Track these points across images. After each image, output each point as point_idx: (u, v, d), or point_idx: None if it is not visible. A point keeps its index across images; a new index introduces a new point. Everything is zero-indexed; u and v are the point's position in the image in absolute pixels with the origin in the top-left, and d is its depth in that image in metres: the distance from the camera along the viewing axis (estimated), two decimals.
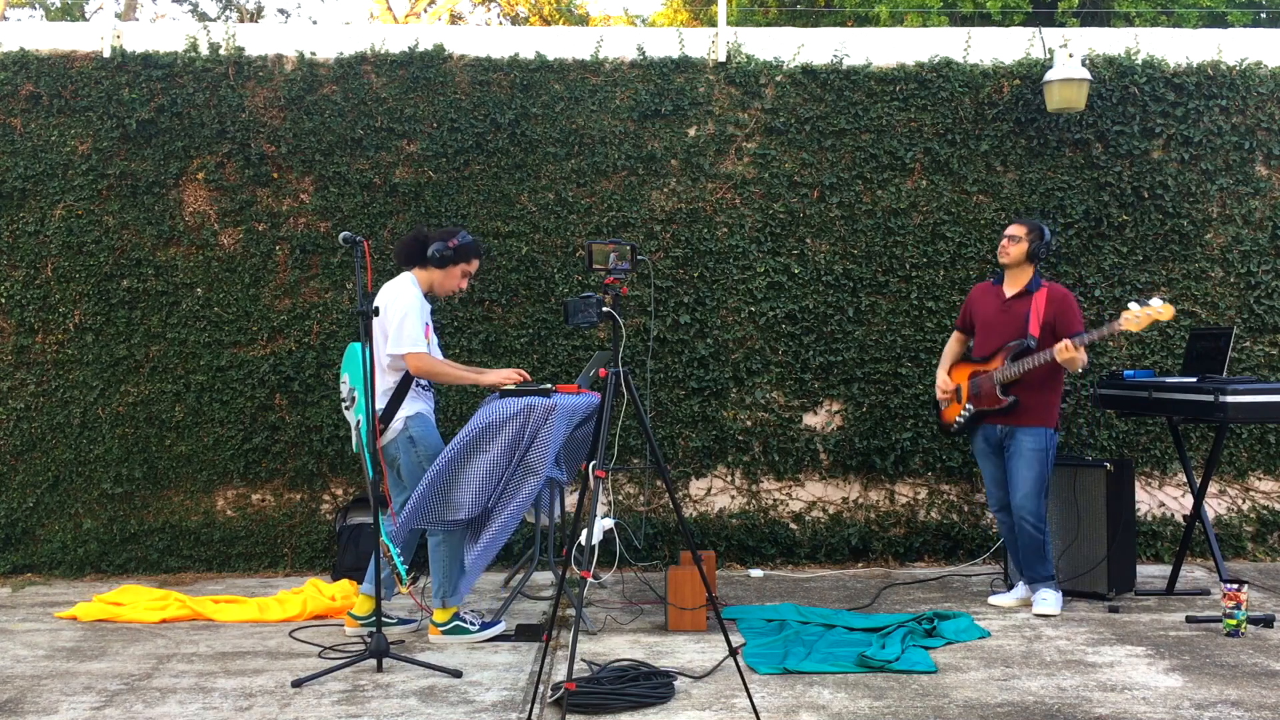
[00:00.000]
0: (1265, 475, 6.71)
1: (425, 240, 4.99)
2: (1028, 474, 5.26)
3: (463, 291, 5.17)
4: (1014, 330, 5.33)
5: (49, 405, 6.40)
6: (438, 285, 5.04)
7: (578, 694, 3.92)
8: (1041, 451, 5.26)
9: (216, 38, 6.53)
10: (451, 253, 4.94)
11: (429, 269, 5.00)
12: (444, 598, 4.87)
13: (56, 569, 6.35)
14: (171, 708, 4.04)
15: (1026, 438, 5.28)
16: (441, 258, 4.94)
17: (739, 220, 6.57)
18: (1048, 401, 5.30)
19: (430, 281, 5.03)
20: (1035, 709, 3.96)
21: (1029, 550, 5.30)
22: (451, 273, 5.01)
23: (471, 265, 5.07)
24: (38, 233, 6.42)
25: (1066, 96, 6.38)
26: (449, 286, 5.06)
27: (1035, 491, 5.25)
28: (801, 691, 4.16)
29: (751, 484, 6.60)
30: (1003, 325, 5.38)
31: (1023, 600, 5.46)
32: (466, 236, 5.00)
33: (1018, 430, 5.30)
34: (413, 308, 4.83)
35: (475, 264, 5.09)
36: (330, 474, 6.48)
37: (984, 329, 5.47)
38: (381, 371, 4.87)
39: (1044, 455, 5.27)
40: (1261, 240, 6.69)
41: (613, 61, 6.59)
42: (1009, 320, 5.36)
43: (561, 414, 4.92)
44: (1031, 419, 5.28)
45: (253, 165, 6.46)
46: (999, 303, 5.44)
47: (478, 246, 5.08)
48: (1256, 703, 4.01)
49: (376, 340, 4.88)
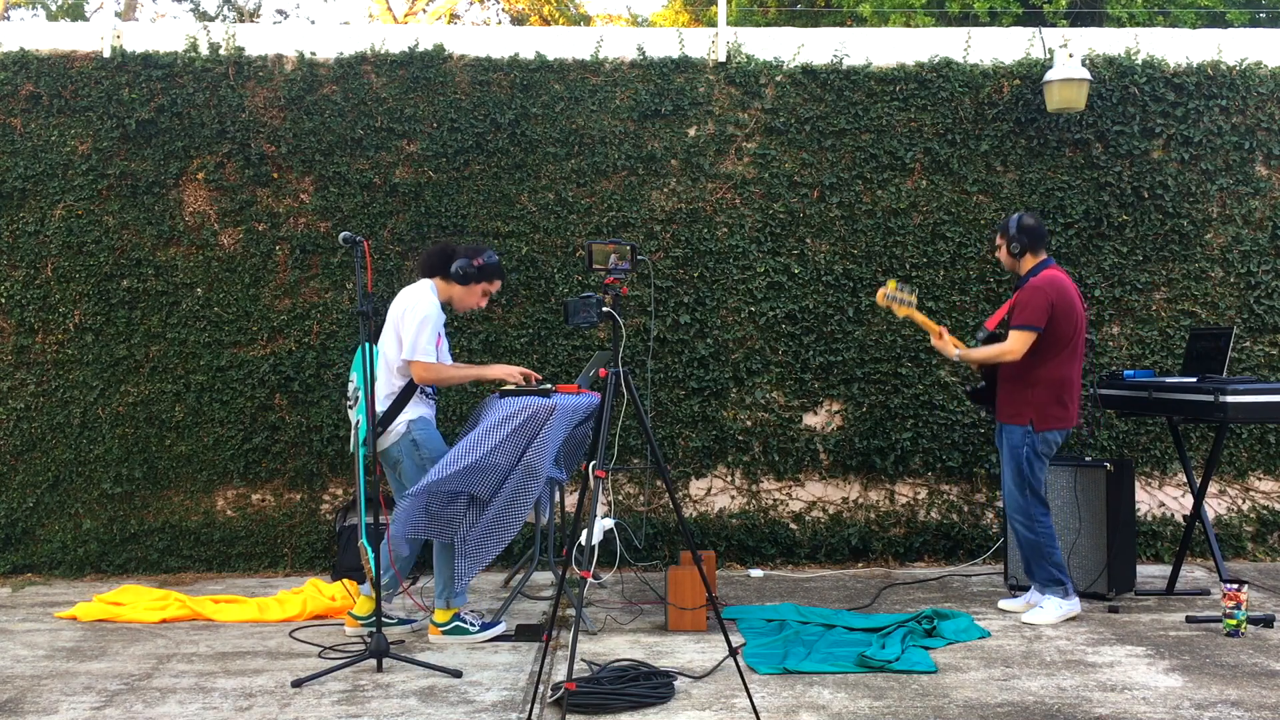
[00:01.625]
0: (1265, 475, 6.71)
1: (451, 254, 4.98)
2: (1006, 470, 5.27)
3: (480, 309, 5.17)
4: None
5: (49, 405, 6.40)
6: (457, 300, 5.03)
7: (578, 694, 3.92)
8: (1016, 449, 5.20)
9: (216, 38, 6.53)
10: (475, 271, 4.94)
11: (450, 283, 4.98)
12: (447, 598, 4.87)
13: (56, 569, 6.35)
14: (171, 708, 4.04)
15: (1004, 435, 5.28)
16: (465, 275, 4.93)
17: (739, 220, 6.57)
18: (1022, 398, 5.20)
19: (449, 294, 5.01)
20: (1035, 709, 3.96)
21: (1027, 551, 5.24)
22: (472, 290, 5.01)
23: (493, 285, 5.07)
24: (38, 233, 6.42)
25: (1066, 96, 6.38)
26: (468, 303, 5.05)
27: (1015, 488, 5.21)
28: (801, 691, 4.16)
29: (751, 484, 6.60)
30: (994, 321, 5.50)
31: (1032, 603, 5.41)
32: (493, 257, 5.00)
33: (1001, 426, 5.32)
34: (429, 317, 4.83)
35: (497, 284, 5.09)
36: (330, 474, 6.48)
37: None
38: (390, 374, 4.87)
39: (1018, 452, 5.19)
40: (1261, 240, 6.69)
41: (613, 61, 6.60)
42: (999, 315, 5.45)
43: (561, 414, 4.92)
44: (1006, 415, 5.26)
45: (253, 165, 6.46)
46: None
47: (501, 268, 5.09)
48: (1256, 703, 4.01)
49: (389, 343, 4.88)
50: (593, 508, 3.90)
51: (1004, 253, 5.33)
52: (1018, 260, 5.30)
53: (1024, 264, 5.29)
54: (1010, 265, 5.34)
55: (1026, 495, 5.21)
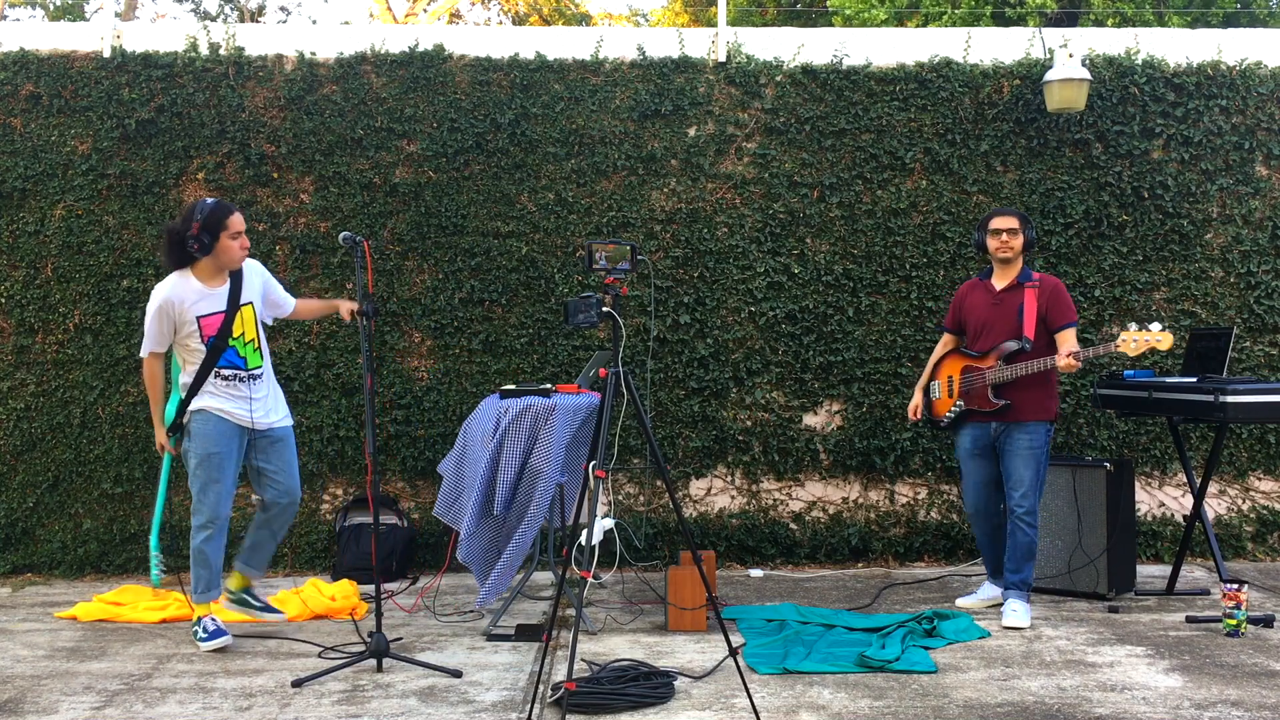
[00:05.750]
0: (1265, 475, 6.71)
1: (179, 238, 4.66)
2: (1025, 472, 5.18)
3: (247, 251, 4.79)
4: (1008, 325, 5.24)
5: (49, 405, 6.40)
6: (220, 265, 4.72)
7: (578, 694, 3.92)
8: (1040, 449, 5.19)
9: (216, 38, 6.53)
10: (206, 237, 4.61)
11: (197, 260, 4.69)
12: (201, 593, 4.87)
13: (56, 569, 6.35)
14: (171, 708, 4.04)
15: (1023, 435, 5.19)
16: (202, 247, 4.62)
17: (739, 220, 6.57)
18: (1046, 395, 5.22)
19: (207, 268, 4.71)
20: (1035, 709, 3.96)
21: (1023, 552, 5.20)
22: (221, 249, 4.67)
23: (232, 228, 4.65)
24: (38, 233, 6.42)
25: (1066, 96, 6.38)
26: (232, 259, 4.72)
27: (1033, 490, 5.18)
28: (801, 691, 4.16)
29: (751, 484, 6.60)
30: (996, 321, 5.28)
31: (990, 601, 5.41)
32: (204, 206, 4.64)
33: (1014, 428, 5.21)
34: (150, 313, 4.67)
35: (234, 221, 4.66)
36: (330, 474, 6.49)
37: (977, 326, 5.35)
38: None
39: (1041, 452, 5.20)
40: (1261, 240, 6.69)
41: (613, 61, 6.60)
42: (1002, 315, 5.27)
43: (562, 414, 4.93)
44: (1028, 415, 5.19)
45: (253, 165, 6.46)
46: (989, 298, 5.33)
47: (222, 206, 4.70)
48: (1256, 703, 4.01)
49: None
50: (593, 508, 3.91)
51: (1021, 239, 5.24)
52: (1025, 251, 5.30)
53: (1020, 260, 5.31)
54: (1018, 252, 5.25)
55: (1037, 495, 5.21)
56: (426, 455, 6.44)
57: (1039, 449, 5.20)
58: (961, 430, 5.40)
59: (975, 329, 5.37)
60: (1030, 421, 5.20)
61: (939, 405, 5.48)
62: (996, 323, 5.29)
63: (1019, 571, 5.21)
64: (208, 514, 4.79)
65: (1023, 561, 5.21)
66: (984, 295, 5.37)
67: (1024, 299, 5.23)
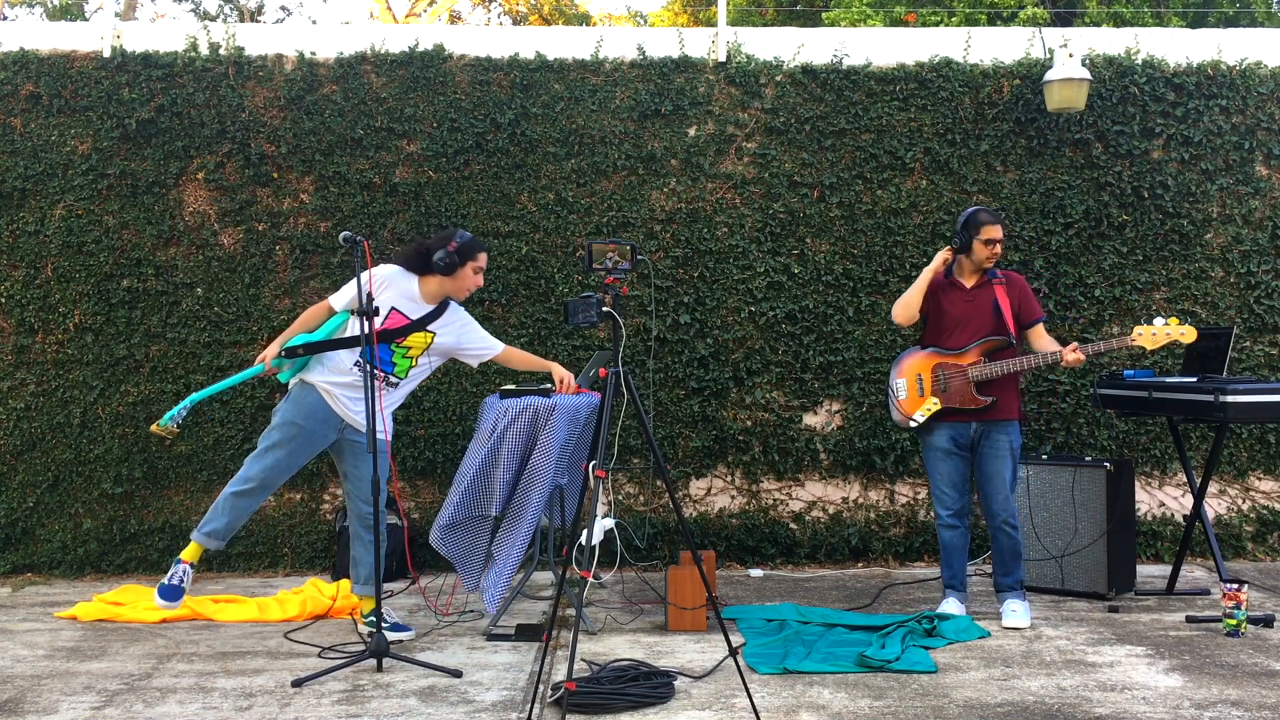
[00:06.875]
0: (1265, 475, 6.71)
1: (426, 250, 4.88)
2: (1006, 474, 5.12)
3: (480, 288, 5.08)
4: (984, 321, 5.13)
5: (49, 405, 6.40)
6: (451, 291, 4.92)
7: (578, 694, 3.92)
8: (1018, 449, 5.19)
9: (216, 37, 6.53)
10: (456, 257, 4.85)
11: (438, 276, 4.87)
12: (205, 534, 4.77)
13: (56, 569, 6.35)
14: (171, 708, 4.04)
15: (1003, 435, 5.11)
16: (448, 264, 4.82)
17: (739, 220, 6.57)
18: (1018, 394, 5.22)
19: (442, 290, 4.89)
20: (1035, 709, 3.96)
21: (1011, 554, 5.15)
22: (461, 274, 4.88)
23: (479, 261, 4.94)
24: (38, 233, 6.42)
25: (1066, 96, 6.38)
26: (465, 286, 4.92)
27: (1011, 490, 5.16)
28: (801, 691, 4.17)
29: (751, 484, 6.60)
30: (971, 317, 5.15)
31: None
32: (464, 235, 4.91)
33: (993, 428, 5.12)
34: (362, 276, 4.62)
35: (482, 258, 4.95)
36: (330, 474, 6.48)
37: (952, 321, 5.19)
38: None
39: (1018, 451, 5.19)
40: (1261, 240, 6.69)
41: (613, 61, 6.60)
42: (976, 311, 5.15)
43: (562, 414, 4.93)
44: (1006, 414, 5.13)
45: (253, 165, 6.46)
46: (961, 294, 5.20)
47: (478, 241, 4.97)
48: (1256, 703, 4.01)
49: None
50: (593, 508, 3.91)
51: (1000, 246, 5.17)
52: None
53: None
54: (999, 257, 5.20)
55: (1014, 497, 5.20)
56: (426, 455, 6.44)
57: (1017, 449, 5.19)
58: (936, 429, 5.18)
59: (950, 325, 5.20)
60: (1008, 421, 5.15)
61: (906, 405, 5.22)
62: (971, 318, 5.16)
63: (1011, 574, 5.18)
64: (256, 473, 4.71)
65: (1012, 564, 5.18)
66: (955, 292, 5.23)
67: (995, 295, 5.15)
